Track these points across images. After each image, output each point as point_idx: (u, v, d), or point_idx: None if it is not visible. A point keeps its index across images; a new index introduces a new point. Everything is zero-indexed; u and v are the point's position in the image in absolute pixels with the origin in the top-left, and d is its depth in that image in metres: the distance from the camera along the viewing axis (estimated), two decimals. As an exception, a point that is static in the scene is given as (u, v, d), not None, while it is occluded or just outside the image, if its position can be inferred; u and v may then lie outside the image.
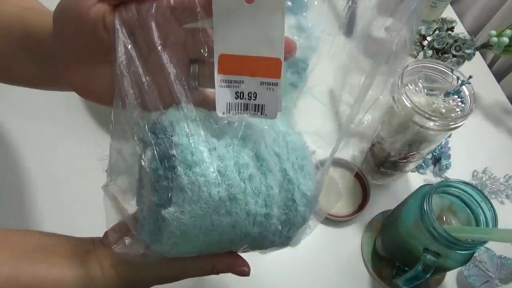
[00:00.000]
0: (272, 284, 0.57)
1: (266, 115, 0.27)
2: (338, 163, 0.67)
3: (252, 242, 0.31)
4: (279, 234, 0.31)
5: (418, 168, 0.70)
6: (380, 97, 0.35)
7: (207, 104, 0.29)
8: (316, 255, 0.59)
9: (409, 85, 0.52)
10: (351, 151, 0.68)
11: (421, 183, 0.53)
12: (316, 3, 0.35)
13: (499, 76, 0.87)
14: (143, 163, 0.27)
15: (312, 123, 0.76)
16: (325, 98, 0.77)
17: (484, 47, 0.74)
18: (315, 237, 0.61)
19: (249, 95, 0.26)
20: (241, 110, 0.27)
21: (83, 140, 0.64)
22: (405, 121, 0.51)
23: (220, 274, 0.36)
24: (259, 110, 0.27)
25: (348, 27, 0.87)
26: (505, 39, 0.69)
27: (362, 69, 0.70)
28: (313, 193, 0.31)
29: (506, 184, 0.69)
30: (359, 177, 0.66)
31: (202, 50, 0.26)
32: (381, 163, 0.61)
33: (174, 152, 0.25)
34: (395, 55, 0.33)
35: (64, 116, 0.67)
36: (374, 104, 0.35)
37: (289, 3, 0.35)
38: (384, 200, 0.65)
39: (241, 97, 0.26)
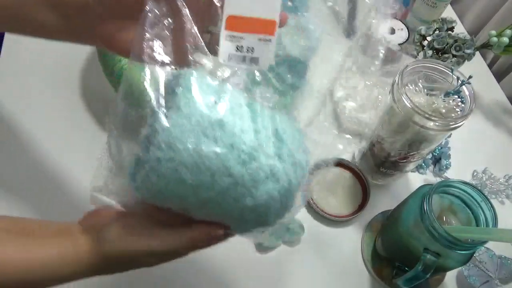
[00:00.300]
0: (272, 284, 0.57)
1: (260, 66, 0.32)
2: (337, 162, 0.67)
3: (235, 188, 0.30)
4: (262, 187, 0.30)
5: (418, 168, 0.70)
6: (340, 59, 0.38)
7: None
8: (316, 255, 0.60)
9: (409, 85, 0.52)
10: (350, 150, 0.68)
11: (421, 183, 0.53)
12: (316, 3, 0.35)
13: (499, 76, 0.87)
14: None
15: (312, 123, 0.75)
16: (325, 98, 0.77)
17: (484, 47, 0.74)
18: (315, 237, 0.61)
19: (247, 49, 0.31)
20: (239, 61, 0.32)
21: (83, 139, 0.64)
22: (405, 121, 0.51)
23: (220, 276, 0.36)
24: (254, 62, 0.32)
25: (348, 27, 0.87)
26: (505, 39, 0.69)
27: (362, 69, 0.70)
28: (301, 161, 0.32)
29: (506, 184, 0.69)
30: (359, 177, 0.66)
31: (216, 20, 0.31)
32: (381, 163, 0.61)
33: (181, 81, 0.30)
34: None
35: (66, 116, 0.67)
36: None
37: (289, 3, 0.35)
38: (384, 200, 0.65)
39: (241, 50, 0.31)
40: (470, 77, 0.50)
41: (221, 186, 0.29)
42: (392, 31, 0.81)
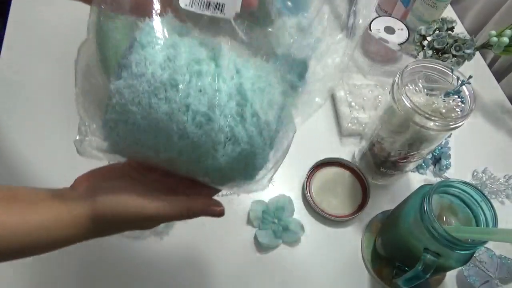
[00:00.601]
0: (272, 284, 0.57)
1: (224, 14, 0.29)
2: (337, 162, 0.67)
3: (194, 150, 0.29)
4: (222, 149, 0.29)
5: (418, 168, 0.70)
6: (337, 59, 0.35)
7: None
8: (316, 255, 0.60)
9: (409, 85, 0.52)
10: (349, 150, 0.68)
11: (421, 183, 0.53)
12: (316, 3, 0.35)
13: (499, 76, 0.87)
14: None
15: (312, 123, 0.76)
16: (325, 98, 0.77)
17: (484, 47, 0.74)
18: (316, 237, 0.61)
19: None
20: (202, 7, 0.29)
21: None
22: (405, 121, 0.51)
23: (220, 276, 0.36)
24: (219, 8, 0.29)
25: (349, 27, 0.87)
26: (505, 39, 0.69)
27: (362, 69, 0.70)
28: (268, 119, 0.30)
29: (506, 184, 0.69)
30: (359, 177, 0.66)
31: None
32: (381, 163, 0.61)
33: (136, 35, 0.28)
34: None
35: (66, 116, 0.67)
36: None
37: (289, 3, 0.35)
38: (384, 200, 0.65)
39: None
40: (470, 77, 0.50)
41: (179, 147, 0.29)
42: (392, 31, 0.81)
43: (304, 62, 0.35)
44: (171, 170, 0.32)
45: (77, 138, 0.32)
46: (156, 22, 0.29)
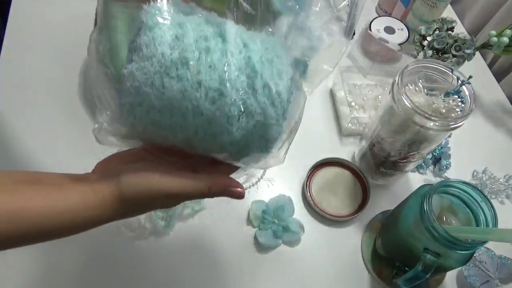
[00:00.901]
0: (272, 284, 0.57)
1: None
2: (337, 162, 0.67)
3: (210, 127, 0.30)
4: (237, 123, 0.29)
5: (418, 168, 0.70)
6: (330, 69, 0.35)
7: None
8: (316, 255, 0.60)
9: (409, 85, 0.52)
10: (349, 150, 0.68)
11: (421, 183, 0.53)
12: (316, 3, 0.35)
13: (499, 76, 0.87)
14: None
15: (312, 123, 0.76)
16: (325, 98, 0.77)
17: (484, 47, 0.74)
18: (316, 237, 0.61)
19: None
20: None
21: (83, 140, 0.64)
22: (405, 121, 0.50)
23: (220, 276, 0.36)
24: None
25: (349, 27, 0.87)
26: (505, 39, 0.69)
27: (362, 69, 0.70)
28: (279, 89, 0.30)
29: (506, 184, 0.69)
30: (359, 177, 0.66)
31: None
32: (381, 163, 0.61)
33: (142, 17, 0.28)
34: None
35: (66, 116, 0.67)
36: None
37: (289, 3, 0.35)
38: (384, 200, 0.65)
39: None
40: (470, 77, 0.50)
41: (194, 125, 0.29)
42: (392, 31, 0.81)
43: (305, 62, 0.35)
44: (188, 150, 0.33)
45: (95, 126, 0.32)
46: (161, 3, 0.29)
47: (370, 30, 0.80)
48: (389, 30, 0.81)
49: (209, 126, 0.29)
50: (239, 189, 0.34)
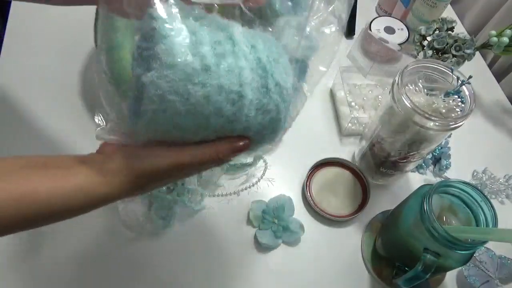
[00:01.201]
0: (272, 284, 0.57)
1: None
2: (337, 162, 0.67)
3: (229, 125, 0.31)
4: (253, 120, 0.32)
5: (418, 168, 0.70)
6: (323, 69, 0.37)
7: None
8: (316, 255, 0.60)
9: (409, 85, 0.52)
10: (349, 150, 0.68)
11: (421, 183, 0.53)
12: (316, 3, 0.35)
13: (499, 76, 0.87)
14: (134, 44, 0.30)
15: (312, 123, 0.76)
16: (325, 98, 0.77)
17: (484, 47, 0.74)
18: (316, 237, 0.61)
19: None
20: None
21: (84, 140, 0.64)
22: (405, 121, 0.50)
23: (220, 276, 0.36)
24: None
25: (348, 27, 0.87)
26: (505, 39, 0.69)
27: (362, 69, 0.70)
28: (287, 85, 0.32)
29: (506, 184, 0.69)
30: (359, 177, 0.66)
31: None
32: (381, 163, 0.61)
33: (154, 24, 0.29)
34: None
35: (66, 116, 0.67)
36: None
37: (289, 3, 0.35)
38: (384, 200, 0.65)
39: None
40: (470, 77, 0.50)
41: (216, 125, 0.31)
42: (392, 31, 0.81)
43: (304, 62, 0.35)
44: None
45: (99, 128, 0.33)
46: (168, 8, 0.30)
47: (370, 30, 0.80)
48: (389, 30, 0.81)
49: (228, 125, 0.31)
50: (242, 141, 0.34)
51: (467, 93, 0.50)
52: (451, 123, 0.48)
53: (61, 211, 0.31)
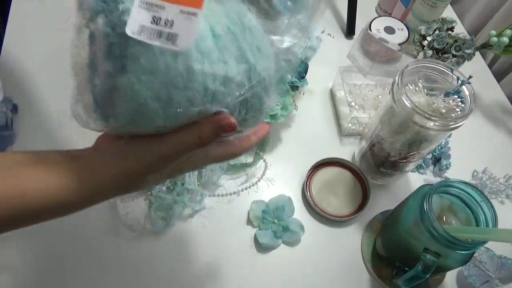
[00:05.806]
0: (272, 284, 0.57)
1: (177, 45, 0.26)
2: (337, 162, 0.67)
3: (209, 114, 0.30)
4: (238, 114, 0.31)
5: (418, 168, 0.70)
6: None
7: None
8: (316, 255, 0.60)
9: (409, 85, 0.52)
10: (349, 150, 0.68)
11: (421, 183, 0.53)
12: (316, 3, 0.35)
13: (499, 76, 0.87)
14: (94, 31, 0.27)
15: (312, 123, 0.76)
16: (325, 98, 0.77)
17: (484, 47, 0.74)
18: (316, 237, 0.61)
19: (166, 22, 0.26)
20: (153, 36, 0.26)
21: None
22: (405, 121, 0.51)
23: (220, 276, 0.36)
24: (171, 39, 0.26)
25: (348, 27, 0.87)
26: (505, 39, 0.69)
27: (362, 69, 0.70)
28: (270, 73, 0.31)
29: (506, 184, 0.69)
30: (359, 177, 0.66)
31: None
32: (381, 163, 0.61)
33: (126, 18, 0.25)
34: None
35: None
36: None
37: (289, 3, 0.35)
38: (384, 200, 0.65)
39: (157, 23, 0.26)
40: (470, 77, 0.50)
41: (197, 119, 0.30)
42: (392, 31, 0.81)
43: (304, 62, 0.35)
44: None
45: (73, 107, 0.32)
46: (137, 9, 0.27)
47: (370, 30, 0.80)
48: (389, 30, 0.81)
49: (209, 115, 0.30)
50: (229, 120, 0.30)
51: (467, 93, 0.50)
52: (451, 123, 0.48)
53: (50, 211, 0.30)
